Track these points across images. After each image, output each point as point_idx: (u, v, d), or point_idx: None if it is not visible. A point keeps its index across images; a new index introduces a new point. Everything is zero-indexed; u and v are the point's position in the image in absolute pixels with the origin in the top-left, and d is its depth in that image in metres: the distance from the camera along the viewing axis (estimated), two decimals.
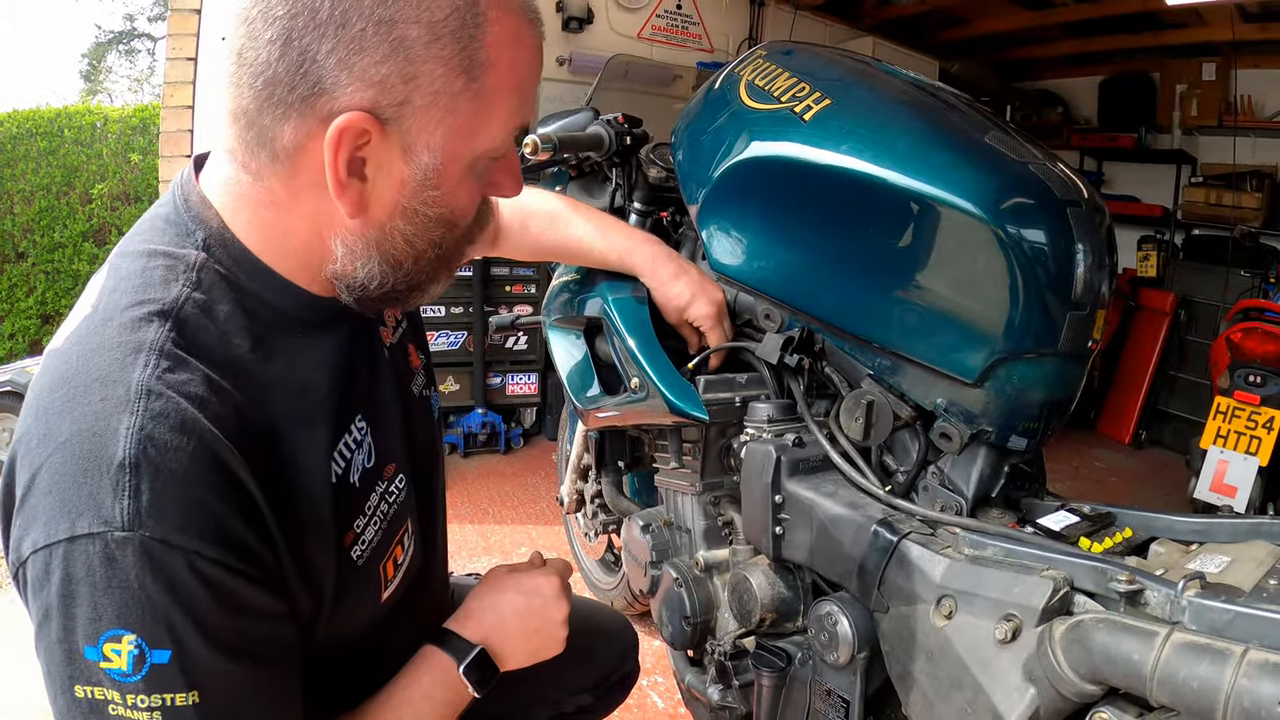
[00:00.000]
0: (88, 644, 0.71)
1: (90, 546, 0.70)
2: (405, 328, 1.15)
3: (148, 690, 0.72)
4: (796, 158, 1.36)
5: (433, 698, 1.04)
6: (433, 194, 0.85)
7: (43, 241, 7.04)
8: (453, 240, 0.91)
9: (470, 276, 4.52)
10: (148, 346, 0.77)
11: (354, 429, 0.94)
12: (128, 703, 0.72)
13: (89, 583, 0.71)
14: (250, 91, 0.78)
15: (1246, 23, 5.26)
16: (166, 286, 0.82)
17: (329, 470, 0.89)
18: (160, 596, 0.71)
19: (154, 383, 0.75)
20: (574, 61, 5.11)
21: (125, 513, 0.70)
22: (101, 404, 0.74)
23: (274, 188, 0.84)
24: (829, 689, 1.29)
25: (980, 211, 1.19)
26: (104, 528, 0.70)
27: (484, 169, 0.89)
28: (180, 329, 0.80)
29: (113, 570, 0.70)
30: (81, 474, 0.71)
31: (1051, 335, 1.22)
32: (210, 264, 0.85)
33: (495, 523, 3.81)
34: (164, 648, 0.72)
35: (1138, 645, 0.88)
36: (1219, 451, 3.96)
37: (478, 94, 0.81)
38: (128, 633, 0.71)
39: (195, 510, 0.73)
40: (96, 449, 0.72)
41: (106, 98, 16.90)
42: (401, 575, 1.02)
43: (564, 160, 1.89)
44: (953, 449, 1.29)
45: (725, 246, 1.53)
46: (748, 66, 1.56)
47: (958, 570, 1.10)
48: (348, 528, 0.91)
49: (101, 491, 0.71)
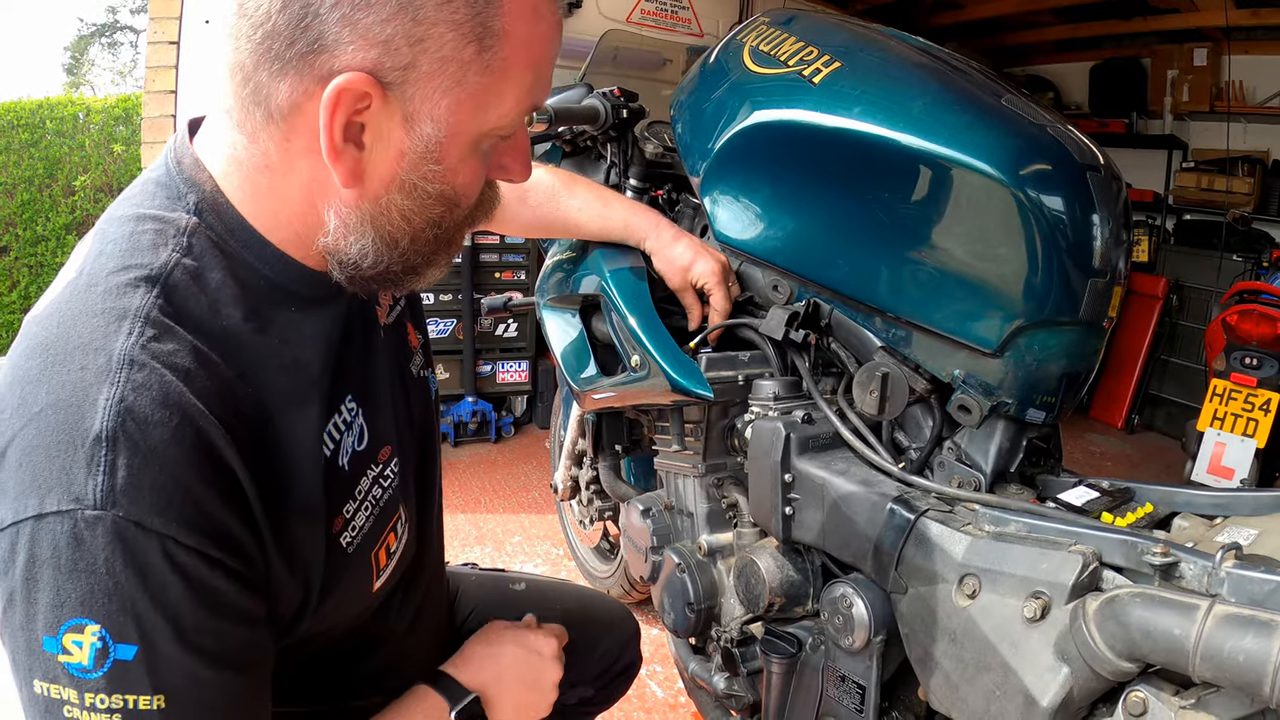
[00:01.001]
0: (47, 633, 0.66)
1: (58, 525, 0.65)
2: (402, 306, 1.10)
3: (108, 689, 0.67)
4: (807, 122, 1.31)
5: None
6: (433, 169, 0.79)
7: (25, 235, 6.97)
8: (453, 221, 0.86)
9: (459, 263, 4.46)
10: (132, 313, 0.72)
11: (344, 409, 0.89)
12: (85, 702, 0.67)
13: (53, 565, 0.65)
14: (249, 44, 0.73)
15: (1239, 8, 5.26)
16: (155, 251, 0.77)
17: (319, 451, 0.84)
18: (130, 584, 0.66)
19: (138, 352, 0.70)
20: (564, 45, 5.04)
21: (98, 490, 0.65)
22: (81, 373, 0.69)
23: (269, 151, 0.78)
24: (843, 674, 1.25)
25: (1000, 174, 1.15)
26: (74, 505, 0.65)
27: (490, 148, 0.84)
28: (168, 296, 0.75)
29: (80, 552, 0.65)
30: (55, 447, 0.66)
31: (1072, 303, 1.18)
32: (202, 229, 0.80)
33: (487, 512, 3.77)
34: (130, 642, 0.67)
35: (1179, 619, 0.84)
36: (1216, 434, 3.97)
37: (489, 65, 0.76)
38: (91, 622, 0.66)
39: (175, 492, 0.68)
40: (72, 420, 0.67)
41: (90, 90, 16.76)
42: (395, 564, 0.98)
43: (559, 134, 1.85)
44: (971, 422, 1.24)
45: (731, 217, 1.48)
46: (750, 33, 1.52)
47: (980, 548, 1.06)
48: (337, 513, 0.87)
49: (74, 466, 0.66)
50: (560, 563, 3.28)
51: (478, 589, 1.42)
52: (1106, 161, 1.23)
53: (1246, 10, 5.27)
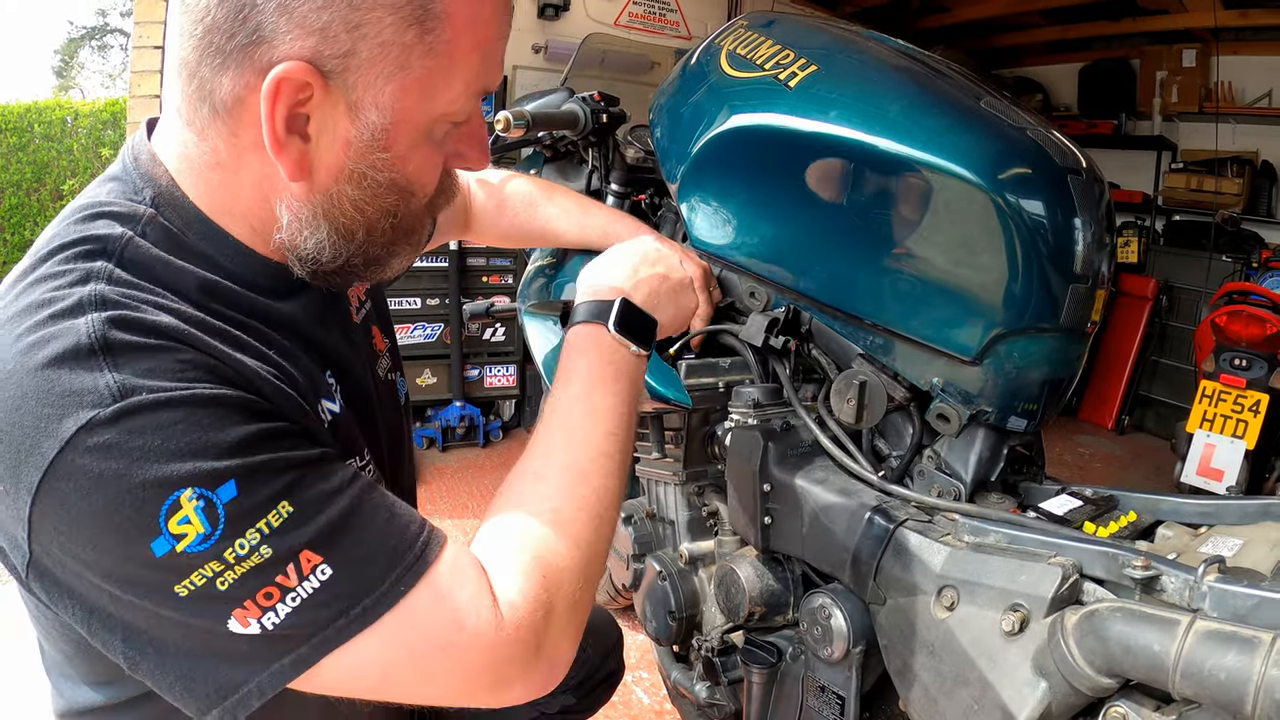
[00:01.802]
0: (151, 538, 0.63)
1: (89, 439, 0.63)
2: (369, 309, 1.09)
3: (239, 531, 0.65)
4: (782, 126, 1.29)
5: (600, 379, 0.96)
6: (382, 157, 0.78)
7: (13, 239, 6.96)
8: (410, 210, 0.84)
9: (446, 268, 4.47)
10: (94, 274, 0.71)
11: (329, 379, 0.89)
12: (229, 560, 0.65)
13: (109, 476, 0.63)
14: (192, 40, 0.72)
15: (1227, 9, 5.27)
16: (110, 228, 0.75)
17: (322, 403, 0.84)
18: (187, 436, 0.64)
19: (108, 292, 0.69)
20: (550, 49, 5.05)
21: (111, 385, 0.64)
22: (50, 318, 0.67)
23: (218, 148, 0.77)
24: (822, 684, 1.23)
25: (978, 178, 1.13)
26: (93, 411, 0.63)
27: (445, 135, 0.83)
28: (127, 265, 0.73)
29: (127, 442, 0.63)
30: (44, 383, 0.64)
31: (1053, 309, 1.16)
32: (159, 220, 0.78)
33: (475, 517, 3.75)
34: (227, 480, 0.65)
35: (1158, 635, 0.83)
36: (1205, 435, 3.98)
37: (432, 48, 0.74)
38: (179, 492, 0.63)
39: (186, 363, 0.68)
40: (54, 351, 0.65)
41: (79, 94, 16.73)
42: None
43: (539, 139, 1.83)
44: (950, 431, 1.23)
45: (708, 223, 1.46)
46: (728, 36, 1.50)
47: (959, 559, 1.05)
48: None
49: (75, 383, 0.64)
50: None
51: None
52: (1089, 164, 1.21)
53: (1235, 11, 5.29)
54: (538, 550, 0.80)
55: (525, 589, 0.77)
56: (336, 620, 0.69)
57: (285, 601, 0.67)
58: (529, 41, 5.07)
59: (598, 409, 0.93)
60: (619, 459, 0.92)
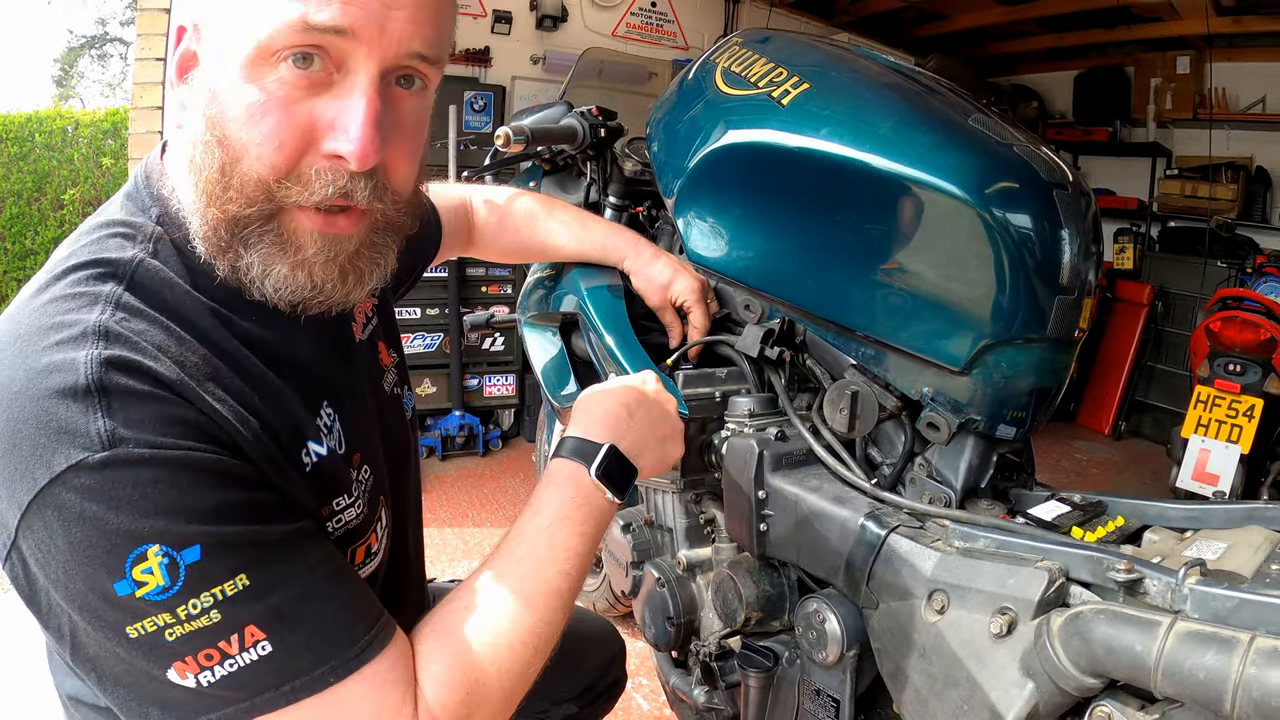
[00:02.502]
0: (115, 580, 0.67)
1: (76, 479, 0.66)
2: (375, 324, 1.11)
3: (194, 592, 0.68)
4: (775, 144, 1.33)
5: (569, 518, 0.96)
6: (210, 89, 0.78)
7: (14, 249, 6.96)
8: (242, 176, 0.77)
9: (445, 278, 4.49)
10: (104, 298, 0.75)
11: (323, 414, 0.91)
12: (180, 616, 0.68)
13: (89, 517, 0.67)
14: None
15: (1220, 16, 5.30)
16: (122, 249, 0.80)
17: (307, 450, 0.86)
18: (165, 497, 0.68)
19: (112, 324, 0.72)
20: (548, 60, 5.08)
21: (102, 432, 0.67)
22: (56, 345, 0.70)
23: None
24: (818, 688, 1.25)
25: (965, 194, 1.16)
26: (83, 454, 0.66)
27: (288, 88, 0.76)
28: (136, 289, 0.77)
29: (108, 492, 0.67)
30: (43, 414, 0.67)
31: (1039, 320, 1.19)
32: (166, 237, 0.82)
33: (474, 525, 3.77)
34: (193, 543, 0.68)
35: (1140, 636, 0.85)
36: (1200, 440, 3.99)
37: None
38: (149, 545, 0.67)
39: (173, 418, 0.70)
40: (55, 383, 0.68)
41: (79, 103, 16.72)
42: (372, 569, 0.98)
43: (537, 153, 1.86)
44: (940, 439, 1.26)
45: (703, 237, 1.49)
46: (723, 54, 1.53)
47: (949, 563, 1.07)
48: (325, 502, 0.88)
49: (71, 421, 0.67)
50: None
51: None
52: (1075, 178, 1.24)
53: (1228, 18, 5.32)
54: (470, 670, 0.84)
55: (448, 704, 0.81)
56: (265, 692, 0.72)
57: (223, 665, 0.70)
58: (528, 52, 5.10)
59: (559, 545, 0.94)
60: (567, 598, 0.94)
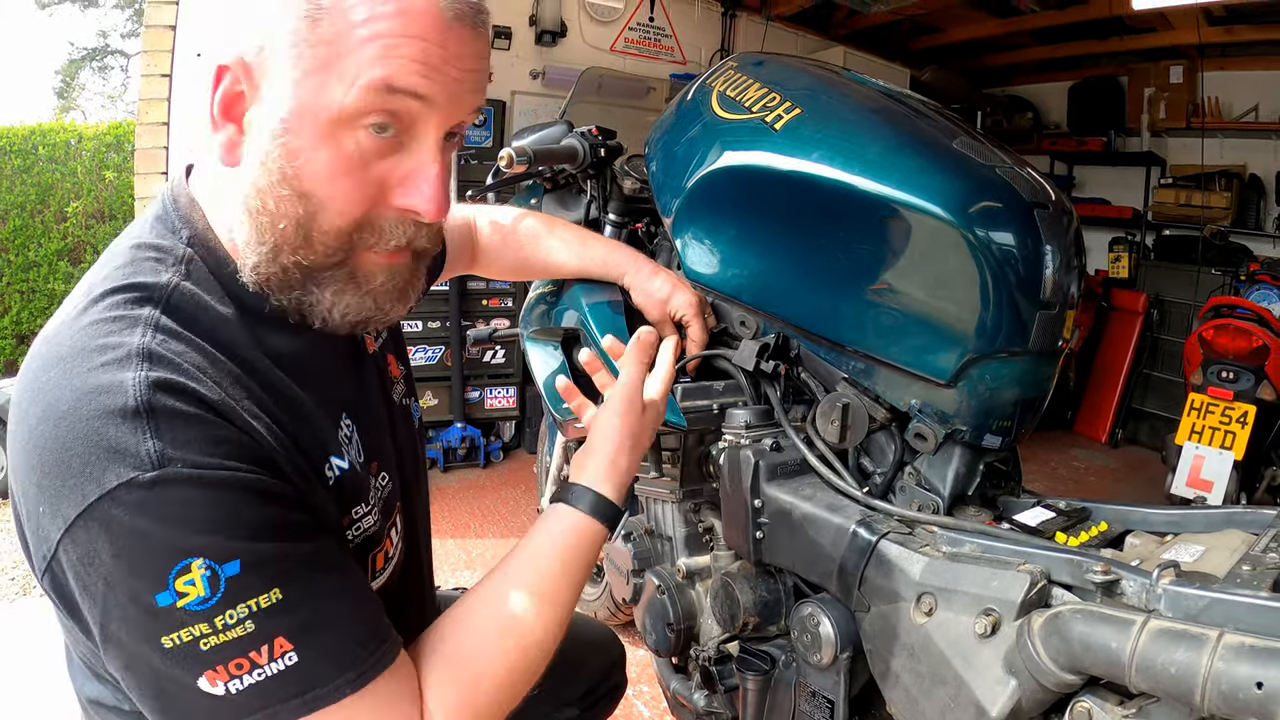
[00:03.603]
0: (158, 590, 0.71)
1: (126, 495, 0.70)
2: (386, 338, 1.16)
3: (232, 603, 0.73)
4: (768, 166, 1.38)
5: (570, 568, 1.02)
6: (282, 143, 0.81)
7: (17, 260, 6.97)
8: (325, 231, 0.84)
9: (447, 291, 4.52)
10: (144, 321, 0.79)
11: (342, 425, 0.96)
12: (217, 626, 0.72)
13: (136, 532, 0.71)
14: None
15: (1212, 25, 5.34)
16: (157, 274, 0.84)
17: (330, 462, 0.90)
18: (209, 514, 0.72)
19: (155, 346, 0.77)
20: (548, 75, 5.12)
21: (151, 452, 0.71)
22: (103, 366, 0.74)
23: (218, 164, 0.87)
24: (813, 690, 1.30)
25: (949, 215, 1.21)
26: (134, 472, 0.70)
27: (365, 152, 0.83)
28: (172, 312, 0.81)
29: (156, 509, 0.71)
30: (93, 433, 0.71)
31: (1022, 334, 1.24)
32: (197, 259, 0.87)
33: (476, 537, 3.80)
34: (233, 558, 0.73)
35: (1115, 634, 0.90)
36: (1194, 447, 4.01)
37: (322, 39, 0.78)
38: (193, 559, 0.71)
39: (217, 439, 0.75)
40: (104, 404, 0.72)
41: (80, 115, 16.76)
42: (389, 574, 1.02)
43: (539, 173, 1.90)
44: (928, 449, 1.30)
45: (700, 255, 1.54)
46: (719, 78, 1.58)
47: (936, 568, 1.12)
48: (346, 512, 0.93)
49: (121, 441, 0.71)
50: None
51: None
52: (1056, 197, 1.29)
53: (1220, 27, 5.36)
54: (471, 684, 0.90)
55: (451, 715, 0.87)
56: (289, 701, 0.76)
57: (252, 674, 0.75)
58: (527, 67, 5.14)
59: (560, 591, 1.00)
60: (564, 614, 1.01)
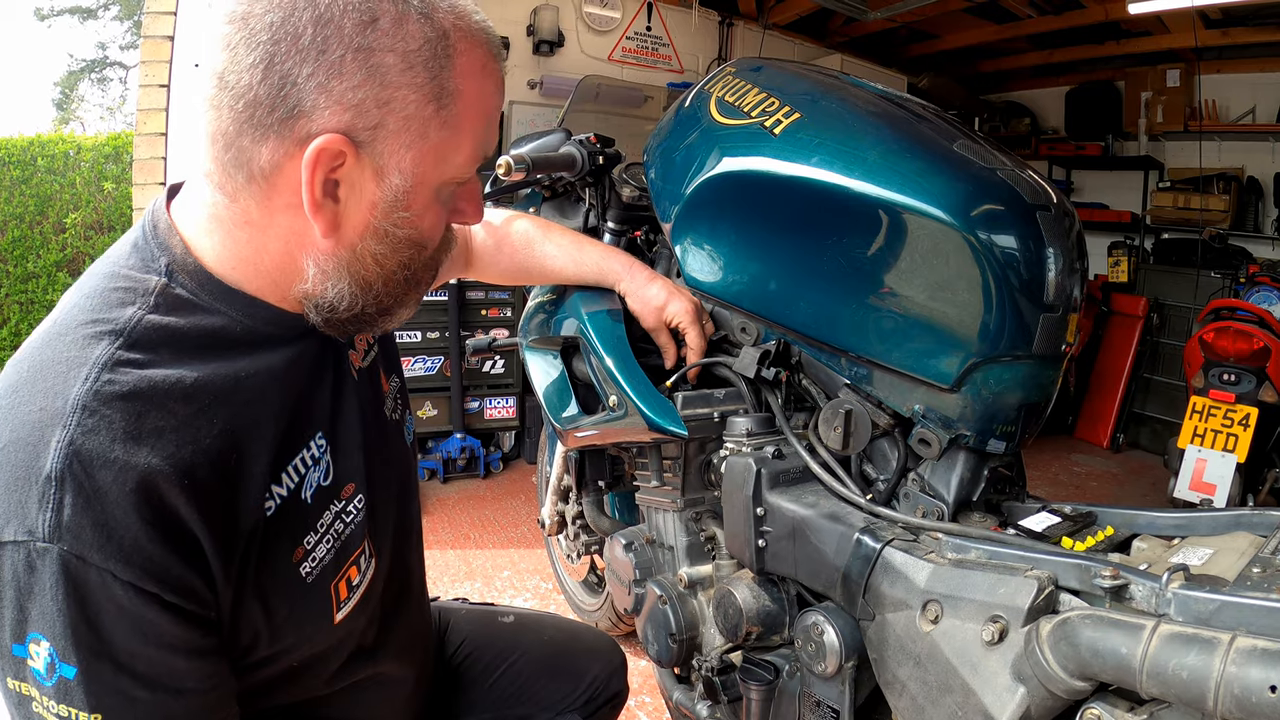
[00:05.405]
0: (15, 642, 0.74)
1: (15, 554, 0.73)
2: (376, 352, 1.15)
3: (56, 699, 0.74)
4: (768, 172, 1.37)
5: None
6: (402, 216, 0.87)
7: (16, 272, 6.95)
8: (420, 263, 0.94)
9: (445, 301, 4.51)
10: (92, 362, 0.78)
11: (312, 445, 0.94)
12: (44, 703, 0.74)
13: (15, 586, 0.73)
14: (230, 114, 0.80)
15: (1208, 29, 5.35)
16: (122, 308, 0.83)
17: (281, 484, 0.89)
18: (71, 611, 0.73)
19: (90, 398, 0.76)
20: (545, 84, 5.13)
21: (47, 525, 0.72)
22: (39, 414, 0.75)
23: (249, 208, 0.85)
24: (818, 699, 1.28)
25: (951, 218, 1.20)
26: (27, 537, 0.72)
27: (450, 195, 0.92)
28: (129, 347, 0.81)
29: (33, 579, 0.72)
30: (13, 482, 0.73)
31: (1025, 338, 1.23)
32: (170, 289, 0.86)
33: (476, 547, 3.78)
34: (71, 663, 0.74)
35: (1125, 639, 0.88)
36: (1197, 450, 4.00)
37: (446, 121, 0.84)
38: (43, 639, 0.73)
39: (115, 531, 0.74)
40: (28, 459, 0.74)
41: (79, 126, 16.79)
42: (358, 597, 1.01)
43: (538, 181, 1.89)
44: (932, 454, 1.29)
45: (700, 262, 1.53)
46: (717, 83, 1.57)
47: (942, 575, 1.11)
48: (297, 543, 0.91)
49: (28, 501, 0.73)
50: (549, 596, 3.29)
51: (467, 622, 1.46)
52: (1058, 199, 1.28)
53: (1216, 30, 5.37)
54: None
55: None
56: None
57: None
58: (525, 77, 5.15)
59: None
60: None
